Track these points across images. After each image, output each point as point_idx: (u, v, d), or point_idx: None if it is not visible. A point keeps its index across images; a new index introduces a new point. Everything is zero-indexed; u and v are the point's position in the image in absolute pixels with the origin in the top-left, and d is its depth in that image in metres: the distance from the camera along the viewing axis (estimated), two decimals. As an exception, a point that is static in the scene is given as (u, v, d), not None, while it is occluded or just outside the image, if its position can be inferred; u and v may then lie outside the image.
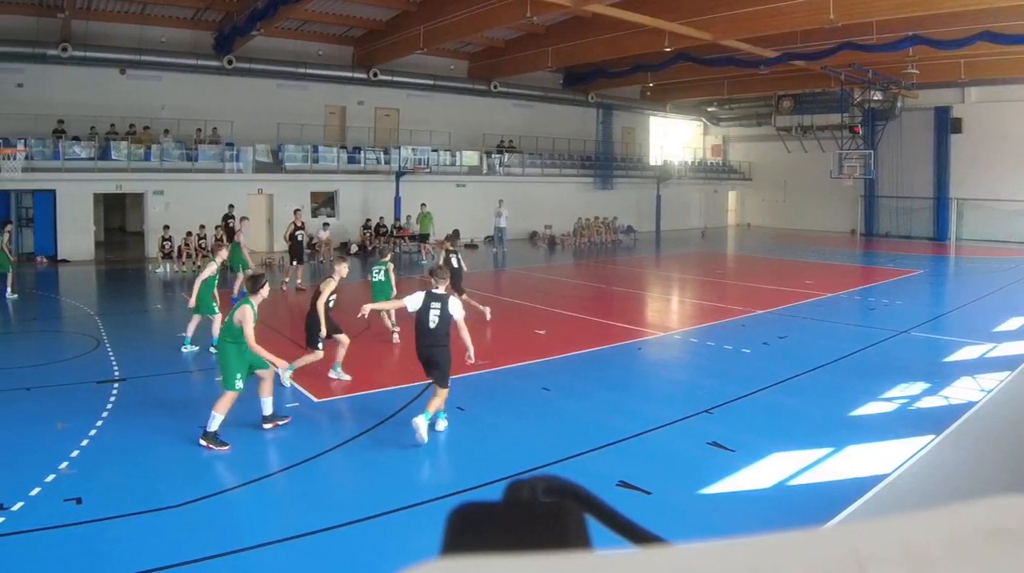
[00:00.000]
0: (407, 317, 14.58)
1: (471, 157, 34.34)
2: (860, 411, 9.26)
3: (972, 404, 9.24)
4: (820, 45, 26.84)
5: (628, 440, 8.07)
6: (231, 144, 27.60)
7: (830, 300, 18.11)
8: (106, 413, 8.74)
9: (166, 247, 23.03)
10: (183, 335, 12.07)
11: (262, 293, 8.29)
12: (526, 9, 22.40)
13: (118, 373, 10.66)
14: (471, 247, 30.20)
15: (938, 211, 37.06)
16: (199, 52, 27.73)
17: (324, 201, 30.68)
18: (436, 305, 8.20)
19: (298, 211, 21.01)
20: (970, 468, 7.25)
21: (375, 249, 25.56)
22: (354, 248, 27.70)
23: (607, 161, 39.57)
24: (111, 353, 11.86)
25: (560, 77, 38.06)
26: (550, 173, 36.97)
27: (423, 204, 27.89)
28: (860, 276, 24.19)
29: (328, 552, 5.69)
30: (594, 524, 0.51)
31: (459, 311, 8.26)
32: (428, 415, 7.98)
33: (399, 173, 29.78)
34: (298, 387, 9.70)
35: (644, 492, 6.68)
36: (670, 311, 18.35)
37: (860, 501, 6.25)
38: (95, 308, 16.45)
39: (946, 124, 36.46)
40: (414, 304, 8.28)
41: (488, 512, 0.50)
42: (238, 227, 17.10)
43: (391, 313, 13.03)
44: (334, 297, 10.12)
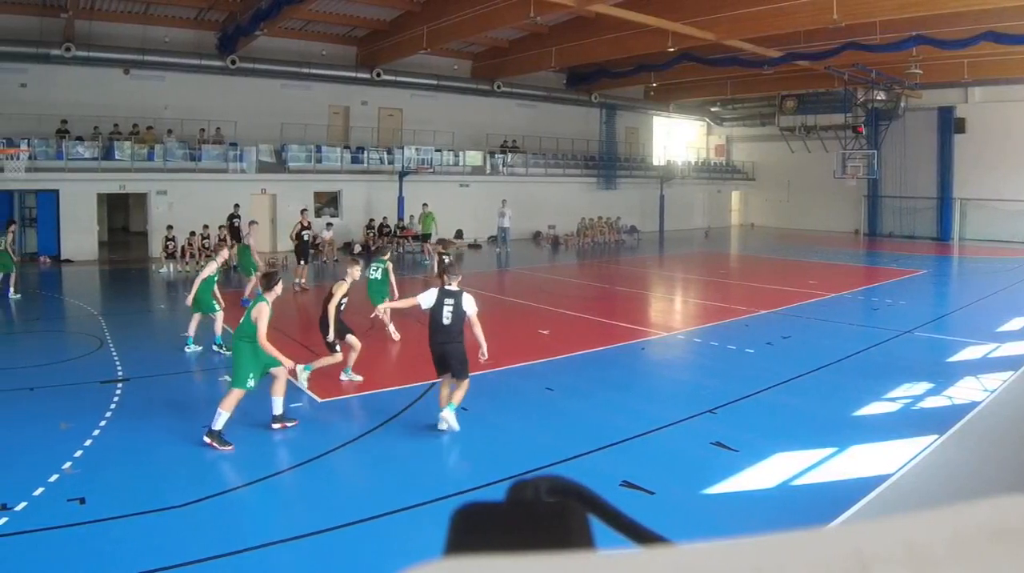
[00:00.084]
0: (405, 316, 14.66)
1: (474, 157, 34.34)
2: (863, 411, 9.24)
3: (975, 404, 9.24)
4: (824, 45, 26.82)
5: (632, 440, 8.07)
6: (234, 144, 27.63)
7: (834, 300, 18.09)
8: (110, 413, 8.75)
9: (169, 247, 23.08)
10: (186, 335, 12.08)
11: (276, 290, 8.39)
12: (529, 9, 22.41)
13: (121, 373, 10.68)
14: (475, 247, 30.21)
15: (941, 211, 37.05)
16: (202, 52, 27.76)
17: (328, 201, 30.71)
18: (450, 302, 8.28)
19: (305, 211, 21.09)
20: (973, 468, 7.26)
21: (378, 249, 25.57)
22: (357, 248, 27.69)
23: (610, 161, 39.55)
24: (114, 353, 11.88)
25: (563, 77, 38.04)
26: (553, 173, 36.96)
27: (425, 204, 27.88)
28: (864, 276, 24.17)
29: (331, 552, 5.70)
30: (597, 524, 0.51)
31: (473, 307, 8.33)
32: (453, 406, 8.20)
33: (402, 173, 29.80)
34: (302, 387, 9.69)
35: (648, 492, 6.67)
36: (674, 311, 18.35)
37: (863, 501, 6.25)
38: (99, 308, 16.47)
39: (950, 124, 36.44)
40: (428, 301, 8.36)
41: (491, 512, 0.50)
42: (247, 231, 17.19)
43: (380, 311, 13.13)
44: (346, 300, 10.08)
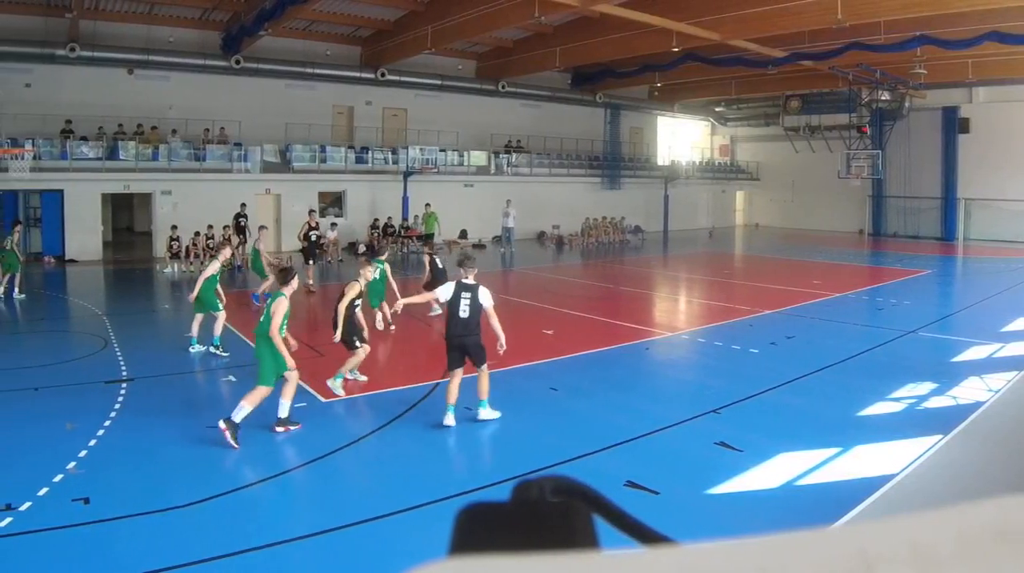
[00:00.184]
0: (412, 315, 14.69)
1: (479, 157, 34.36)
2: (868, 411, 9.23)
3: (980, 404, 9.23)
4: (828, 45, 26.78)
5: (636, 440, 8.07)
6: (239, 144, 27.68)
7: (838, 300, 18.07)
8: (114, 413, 8.77)
9: (174, 247, 23.10)
10: (190, 335, 12.09)
11: (292, 285, 8.61)
12: (534, 9, 22.41)
13: (126, 373, 10.69)
14: (479, 247, 30.20)
15: (946, 211, 36.99)
16: (207, 52, 27.80)
17: (332, 201, 30.74)
18: (467, 295, 8.39)
19: (313, 212, 21.23)
20: (978, 468, 7.24)
21: (382, 249, 25.59)
22: (362, 248, 27.69)
23: (615, 161, 39.54)
24: (119, 353, 11.90)
25: (568, 77, 38.03)
26: (558, 173, 36.96)
27: (427, 204, 27.96)
28: (868, 276, 24.13)
29: (335, 552, 5.70)
30: (602, 524, 0.51)
31: (489, 300, 8.43)
32: (485, 403, 8.55)
33: (407, 173, 29.81)
34: (306, 387, 9.69)
35: (652, 492, 6.67)
36: (678, 311, 18.33)
37: (868, 501, 6.25)
38: (103, 308, 16.49)
39: (954, 124, 36.39)
40: (445, 294, 8.52)
41: (496, 512, 0.50)
42: (258, 236, 17.34)
43: (388, 312, 13.42)
44: (359, 301, 10.07)
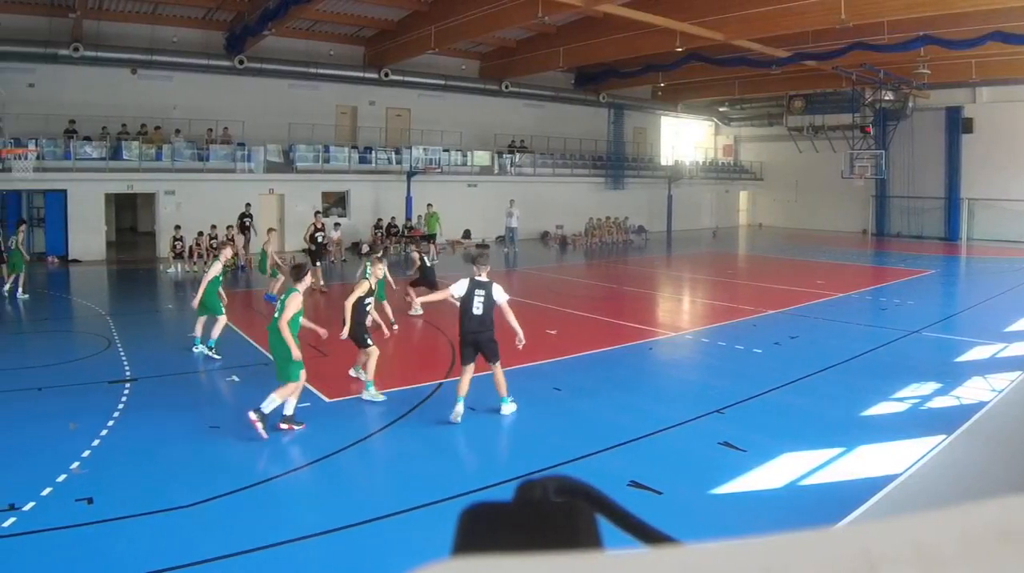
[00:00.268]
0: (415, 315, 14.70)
1: (482, 157, 34.36)
2: (871, 411, 9.22)
3: (983, 404, 9.20)
4: (831, 45, 26.76)
5: (639, 440, 8.06)
6: (242, 144, 27.70)
7: (841, 300, 18.04)
8: (117, 413, 8.78)
9: (177, 247, 23.12)
10: (193, 335, 12.09)
11: (306, 281, 8.77)
12: (537, 9, 22.41)
13: (129, 373, 10.70)
14: (483, 247, 30.17)
15: (949, 211, 36.93)
16: (210, 52, 27.83)
17: (335, 201, 30.75)
18: (480, 292, 8.45)
19: (319, 214, 21.26)
20: (981, 468, 7.22)
21: (387, 249, 25.63)
22: (365, 248, 27.67)
23: (618, 161, 39.53)
24: (122, 353, 11.91)
25: (571, 77, 38.03)
26: (561, 173, 36.96)
27: (429, 204, 28.03)
28: (871, 276, 24.10)
29: (339, 552, 5.70)
30: (605, 524, 0.51)
31: (503, 297, 8.45)
32: (507, 400, 8.68)
33: (410, 173, 29.83)
34: (310, 388, 9.69)
35: (655, 492, 6.67)
36: (681, 311, 18.32)
37: (871, 501, 6.23)
38: (106, 308, 16.52)
39: (957, 124, 36.34)
40: (459, 290, 8.56)
41: (499, 512, 0.50)
42: (266, 238, 17.38)
43: (389, 312, 13.51)
44: (370, 300, 9.85)
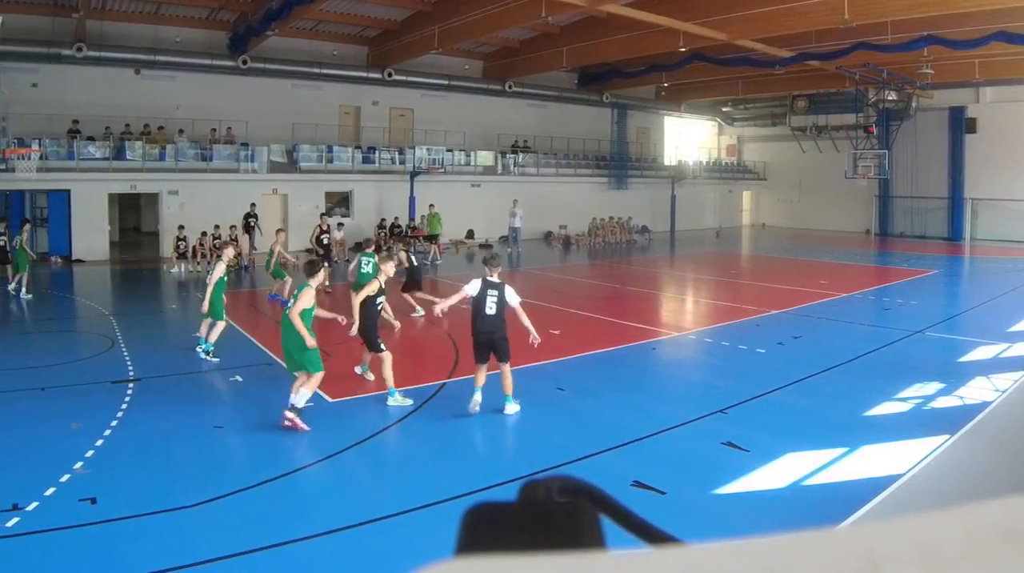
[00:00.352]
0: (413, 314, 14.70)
1: (486, 157, 34.34)
2: (875, 411, 9.20)
3: (987, 404, 9.19)
4: (835, 45, 26.73)
5: (643, 440, 8.06)
6: (246, 144, 27.70)
7: (845, 300, 18.02)
8: (121, 413, 8.78)
9: (181, 247, 23.14)
10: (197, 335, 12.10)
11: (319, 277, 8.90)
12: (541, 9, 22.41)
13: (133, 373, 10.72)
14: (486, 247, 30.19)
15: (952, 211, 36.86)
16: (214, 52, 27.85)
17: (338, 201, 30.76)
18: (493, 293, 8.54)
19: (324, 215, 21.31)
20: (985, 468, 7.21)
21: (390, 249, 25.63)
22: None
23: (622, 161, 39.50)
24: (126, 353, 11.92)
25: (575, 77, 37.99)
26: (565, 173, 36.94)
27: (431, 205, 28.04)
28: (875, 276, 24.07)
29: (342, 552, 5.70)
30: (609, 524, 0.51)
31: (516, 298, 8.55)
32: (511, 399, 8.74)
33: (413, 173, 29.84)
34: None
35: (659, 492, 6.66)
36: (684, 311, 18.31)
37: (875, 501, 6.22)
38: (110, 308, 16.54)
39: (961, 124, 36.26)
40: (472, 290, 8.65)
41: (502, 512, 0.50)
42: (274, 239, 17.42)
43: (388, 309, 13.35)
44: (381, 299, 9.65)
